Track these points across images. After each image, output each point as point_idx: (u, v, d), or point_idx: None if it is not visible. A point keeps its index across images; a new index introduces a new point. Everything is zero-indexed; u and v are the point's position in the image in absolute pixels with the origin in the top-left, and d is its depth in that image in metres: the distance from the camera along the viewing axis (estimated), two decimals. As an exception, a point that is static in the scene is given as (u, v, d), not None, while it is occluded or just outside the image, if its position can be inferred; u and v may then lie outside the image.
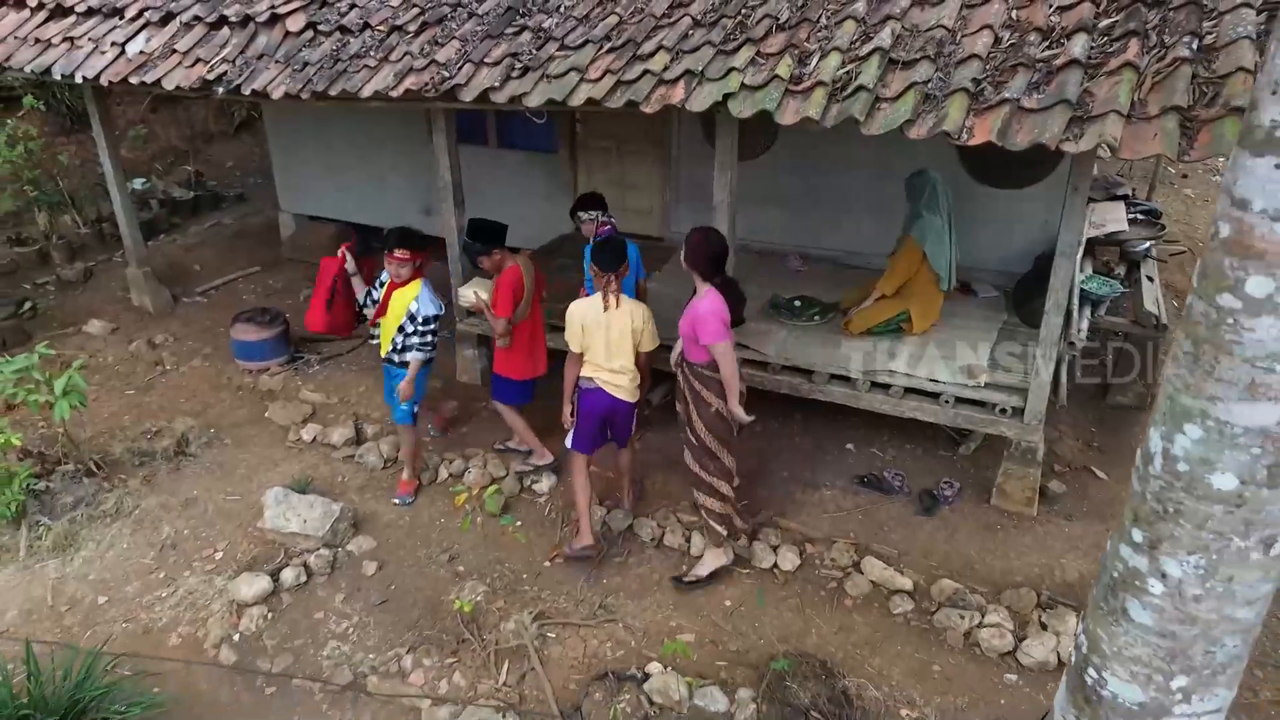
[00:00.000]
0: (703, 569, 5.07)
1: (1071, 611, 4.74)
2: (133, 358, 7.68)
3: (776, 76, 4.40)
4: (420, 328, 5.35)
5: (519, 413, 5.93)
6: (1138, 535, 2.01)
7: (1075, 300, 5.67)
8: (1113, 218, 7.05)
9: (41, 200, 9.43)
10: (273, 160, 9.54)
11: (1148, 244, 6.96)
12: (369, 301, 5.56)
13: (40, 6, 6.75)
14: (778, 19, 4.75)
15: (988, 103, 4.03)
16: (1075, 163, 4.51)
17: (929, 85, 4.17)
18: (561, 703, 4.41)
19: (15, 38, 6.61)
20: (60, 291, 8.87)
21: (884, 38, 4.42)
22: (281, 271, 9.29)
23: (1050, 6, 4.40)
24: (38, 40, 6.52)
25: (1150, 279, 6.79)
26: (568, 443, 5.17)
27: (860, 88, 4.22)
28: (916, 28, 4.50)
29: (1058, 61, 4.08)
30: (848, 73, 4.34)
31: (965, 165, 6.58)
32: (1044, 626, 4.67)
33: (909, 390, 5.57)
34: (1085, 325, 6.03)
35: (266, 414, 6.83)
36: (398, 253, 5.23)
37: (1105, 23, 4.22)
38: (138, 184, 10.55)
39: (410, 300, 5.32)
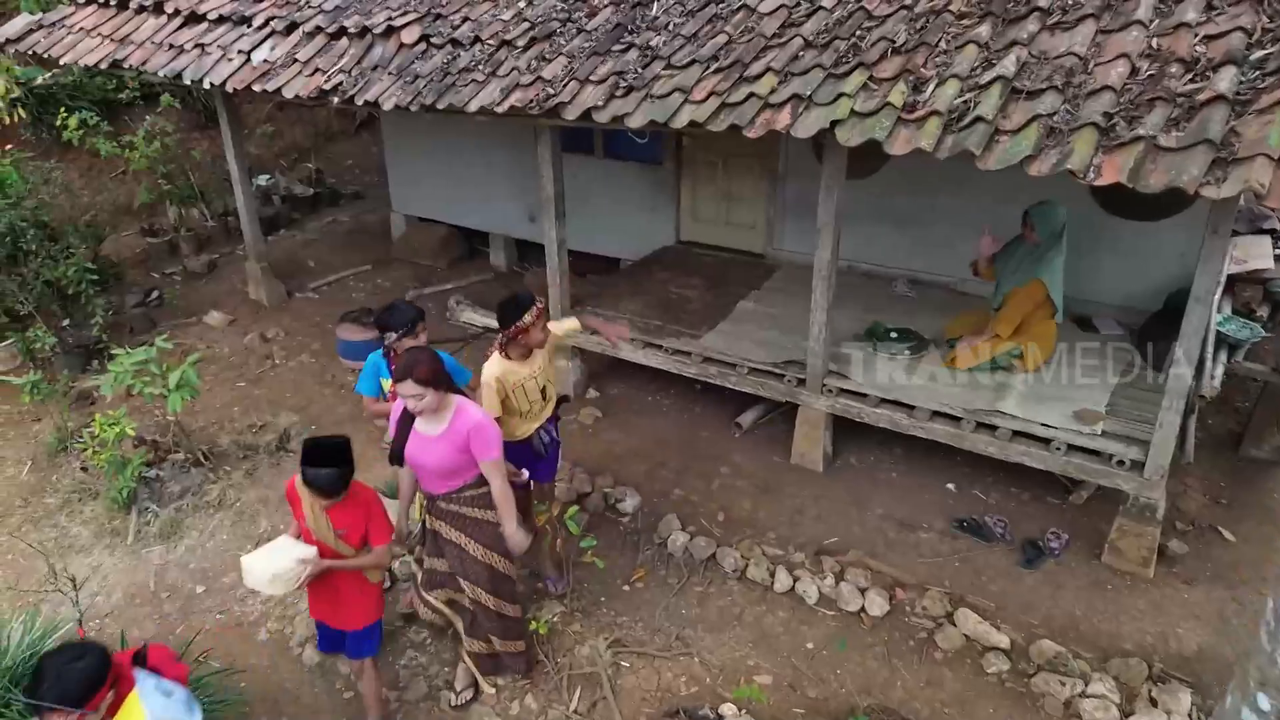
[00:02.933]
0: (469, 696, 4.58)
1: (1186, 688, 4.37)
2: (246, 350, 7.99)
3: (889, 104, 4.19)
4: None
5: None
6: (1264, 702, 1.77)
7: (1209, 347, 5.24)
8: (1257, 253, 6.50)
9: (173, 194, 9.92)
10: (386, 161, 9.78)
11: (1296, 284, 6.40)
12: None
13: (176, 13, 7.07)
14: (894, 42, 4.53)
15: (1119, 139, 3.73)
16: (1216, 203, 4.14)
17: (1054, 118, 3.89)
18: (631, 737, 4.34)
19: (152, 43, 6.95)
20: (185, 282, 9.31)
21: (1008, 65, 4.15)
22: (390, 271, 9.51)
23: (1196, 35, 4.04)
24: (171, 46, 6.83)
25: (1297, 323, 6.25)
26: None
27: (978, 119, 3.97)
28: (1044, 55, 4.22)
29: (1201, 97, 3.74)
30: (965, 102, 4.09)
31: (1094, 194, 6.17)
32: (1154, 703, 4.32)
33: (1017, 433, 5.26)
34: (1220, 372, 5.58)
35: (365, 414, 6.96)
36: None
37: (1258, 55, 3.85)
38: (262, 180, 11.00)
39: None
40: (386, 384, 4.83)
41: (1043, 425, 5.18)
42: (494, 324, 7.97)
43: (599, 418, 6.75)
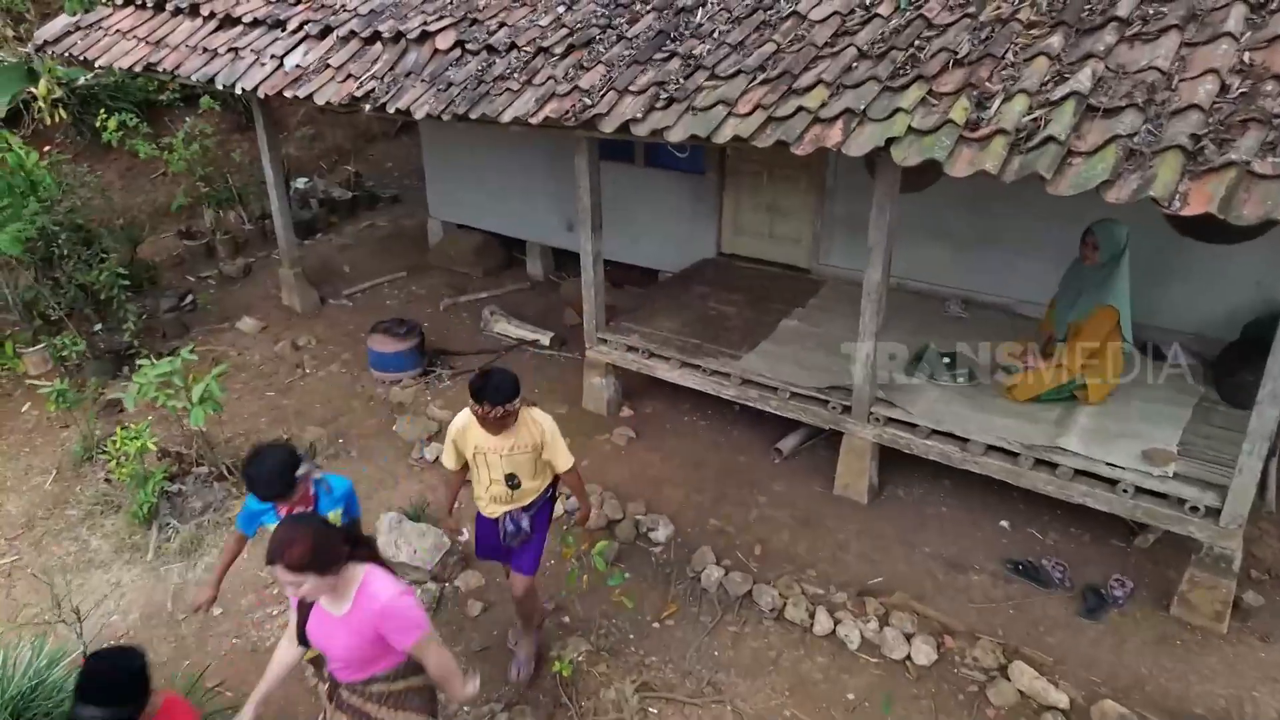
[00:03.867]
0: None
1: (1265, 762, 4.00)
2: (277, 358, 7.85)
3: (949, 121, 3.87)
4: None
5: None
6: None
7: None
8: (1342, 280, 6.04)
9: (211, 197, 9.85)
10: (424, 166, 9.62)
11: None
12: None
13: (211, 16, 6.95)
14: (956, 53, 4.20)
15: (1209, 164, 3.38)
16: (1312, 233, 3.77)
17: (1135, 139, 3.55)
18: (657, 793, 4.07)
19: (186, 46, 6.83)
20: (220, 286, 9.23)
21: (1082, 80, 3.81)
22: (426, 277, 9.34)
23: (1295, 48, 3.68)
24: (205, 50, 6.71)
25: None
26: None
27: (1049, 138, 3.64)
28: (1123, 69, 3.87)
29: (1303, 117, 3.38)
30: (1035, 120, 3.76)
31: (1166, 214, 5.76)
32: (1229, 777, 3.96)
33: (1079, 472, 4.89)
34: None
35: (394, 427, 6.79)
36: None
37: (1369, 71, 3.48)
38: (300, 183, 10.91)
39: None
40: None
41: (1108, 465, 4.82)
42: (529, 336, 7.83)
43: (632, 438, 6.49)
